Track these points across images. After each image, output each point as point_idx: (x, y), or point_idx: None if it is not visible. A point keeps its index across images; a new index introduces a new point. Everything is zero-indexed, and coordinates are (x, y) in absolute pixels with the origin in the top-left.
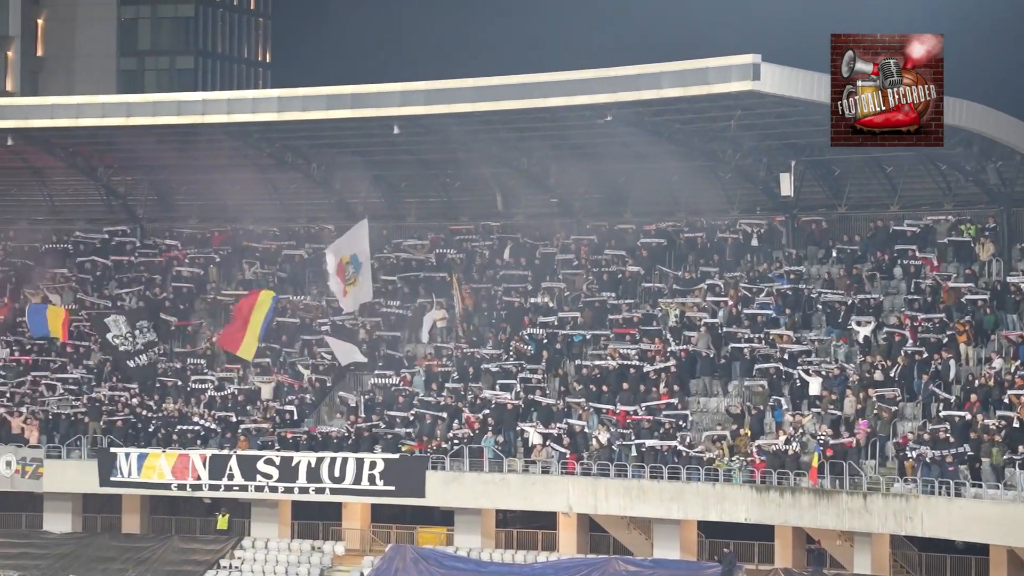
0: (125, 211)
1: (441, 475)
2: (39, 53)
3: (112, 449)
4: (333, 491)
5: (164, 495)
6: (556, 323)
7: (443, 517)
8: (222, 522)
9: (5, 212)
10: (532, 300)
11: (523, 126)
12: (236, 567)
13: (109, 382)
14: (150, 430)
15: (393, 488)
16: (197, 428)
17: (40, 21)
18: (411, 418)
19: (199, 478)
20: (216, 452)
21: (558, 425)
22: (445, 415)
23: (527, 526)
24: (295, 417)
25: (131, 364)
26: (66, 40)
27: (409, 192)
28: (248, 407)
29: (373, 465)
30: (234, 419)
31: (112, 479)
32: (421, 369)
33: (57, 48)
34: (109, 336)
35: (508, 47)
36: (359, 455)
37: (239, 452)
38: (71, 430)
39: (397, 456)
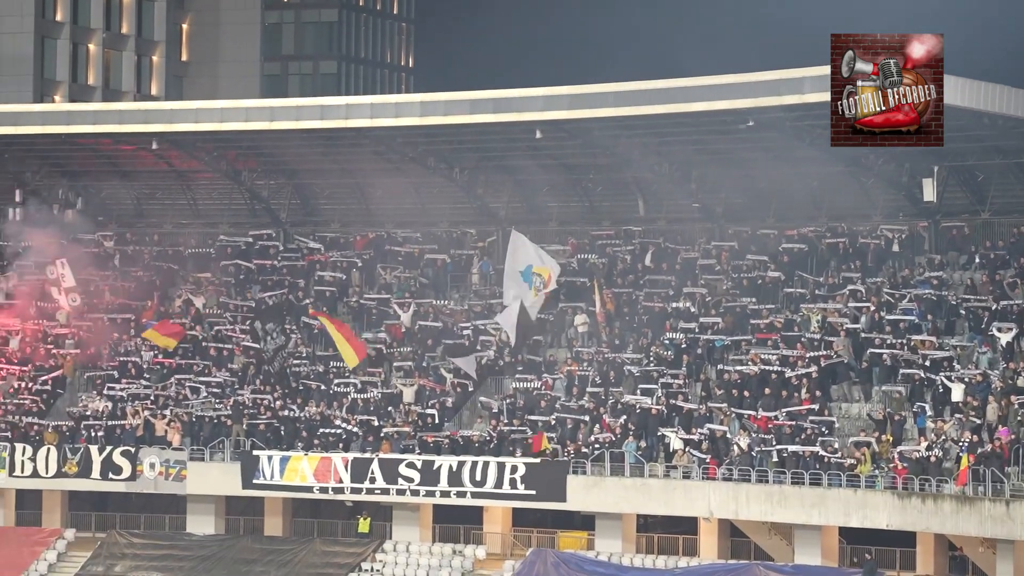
0: (268, 215)
1: (582, 479)
2: (184, 58)
3: (255, 452)
4: (474, 495)
5: (306, 498)
6: (697, 328)
7: (584, 522)
8: (364, 525)
9: (151, 216)
10: (674, 305)
11: (665, 130)
12: (377, 570)
13: (252, 385)
14: (292, 433)
15: (534, 492)
16: (339, 431)
17: (185, 26)
18: (552, 422)
19: (341, 481)
20: (358, 455)
21: (699, 430)
22: (587, 419)
23: (668, 531)
24: (437, 421)
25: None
26: (210, 45)
27: (551, 197)
28: (390, 410)
29: (514, 469)
30: (376, 423)
31: (255, 482)
32: (563, 374)
33: (201, 53)
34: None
35: (651, 52)
36: (500, 459)
37: (381, 455)
38: (214, 433)
39: (538, 460)
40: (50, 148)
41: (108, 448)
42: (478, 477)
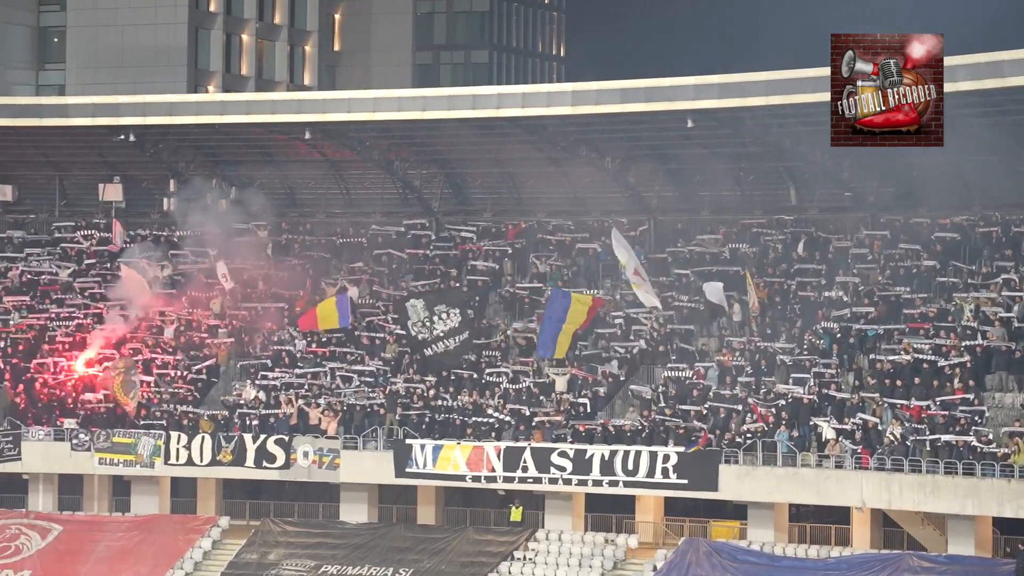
0: (421, 204)
1: (734, 469)
2: (336, 48)
3: (408, 440)
4: (627, 484)
5: (459, 486)
6: (849, 317)
7: (736, 511)
8: (516, 514)
9: (304, 205)
10: (826, 294)
11: (816, 119)
12: (530, 559)
13: (405, 374)
14: (445, 422)
15: (686, 481)
16: (492, 420)
17: (337, 16)
18: (705, 412)
19: (493, 470)
20: (511, 444)
21: (852, 420)
22: (739, 408)
23: (820, 521)
24: (589, 410)
25: (428, 352)
26: (362, 35)
27: (702, 186)
28: (542, 399)
29: (667, 458)
30: (528, 412)
31: (407, 470)
32: (714, 363)
33: (354, 43)
34: (409, 324)
35: (810, 37)
36: (653, 448)
37: (533, 444)
38: (367, 421)
39: (690, 450)
40: (204, 138)
41: (262, 436)
42: (630, 466)
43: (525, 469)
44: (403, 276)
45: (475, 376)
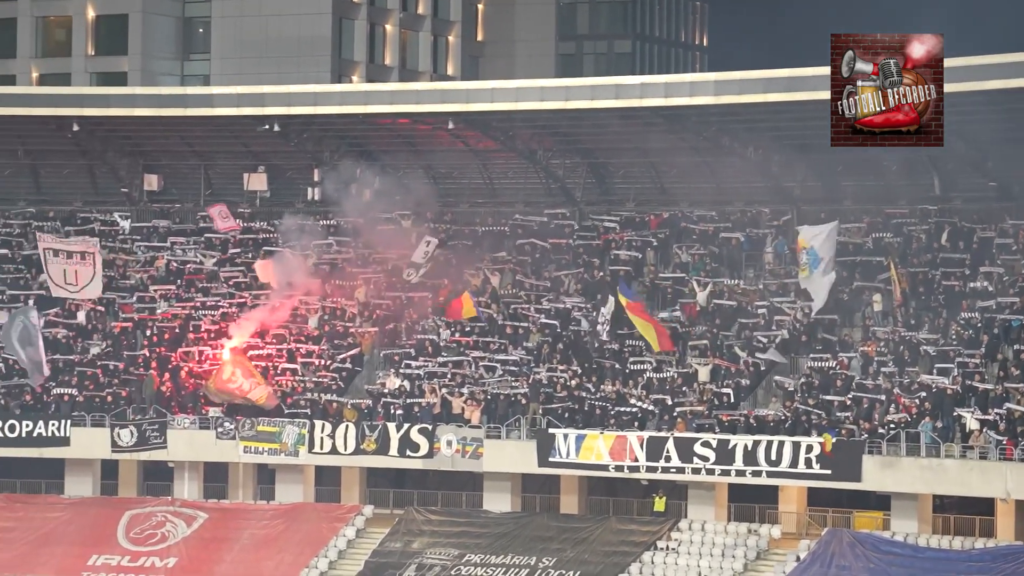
0: (564, 194)
1: (878, 459)
2: (479, 38)
3: (551, 430)
4: (770, 474)
5: (602, 476)
6: (994, 307)
7: (880, 502)
8: (659, 504)
9: (447, 195)
10: (971, 285)
11: (963, 108)
12: (673, 548)
13: (548, 363)
14: (588, 411)
15: (829, 472)
16: (635, 410)
17: (480, 6)
18: (848, 402)
19: (636, 460)
20: (653, 434)
21: (996, 411)
22: (882, 399)
23: (964, 512)
24: (732, 400)
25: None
26: (505, 25)
27: (846, 175)
28: (685, 389)
29: (810, 449)
30: (671, 401)
31: (551, 460)
32: (858, 353)
33: (496, 33)
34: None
35: (948, 27)
36: (796, 438)
37: (676, 434)
38: (510, 411)
39: (834, 440)
40: (348, 128)
41: (406, 425)
42: (773, 456)
43: (668, 459)
44: (546, 266)
45: (618, 366)
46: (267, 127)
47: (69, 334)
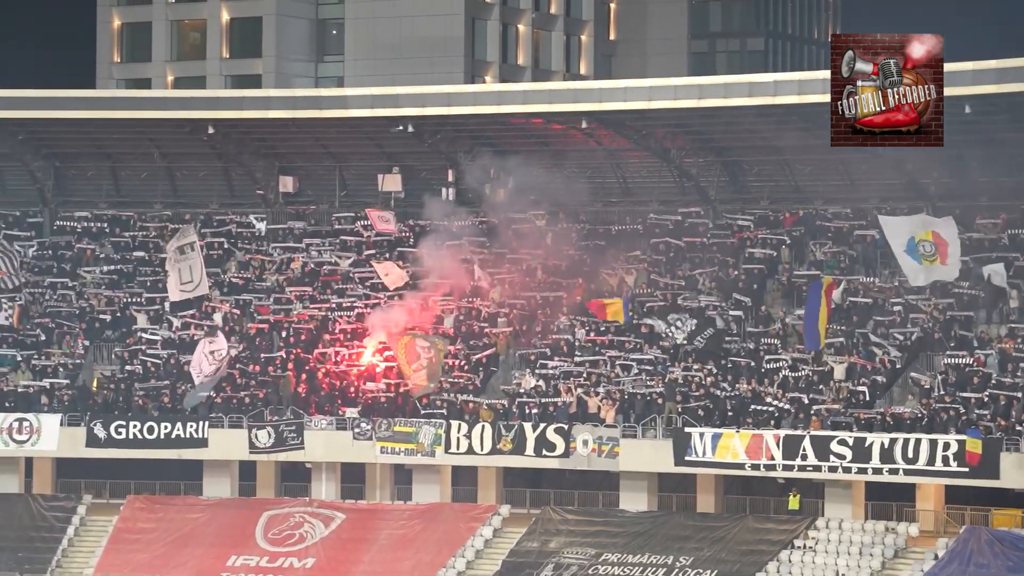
0: (697, 192)
1: (1015, 457)
2: (612, 37)
3: (687, 429)
4: (907, 472)
5: (738, 475)
6: None
7: (1018, 499)
8: (794, 502)
9: (580, 195)
10: None
11: None
12: (810, 547)
13: (684, 363)
14: (724, 410)
15: (967, 470)
16: (771, 408)
17: (613, 5)
18: (985, 399)
19: (773, 458)
20: (790, 432)
21: None
22: (1020, 396)
23: None
24: (868, 398)
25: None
26: (638, 23)
27: (981, 171)
28: (821, 387)
29: (947, 446)
30: (806, 400)
31: (687, 458)
32: (995, 350)
33: (629, 31)
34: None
35: None
36: (933, 436)
37: (812, 432)
38: (646, 410)
39: (980, 444)
40: (481, 128)
41: (542, 425)
42: (910, 454)
43: (804, 457)
44: (680, 264)
45: (753, 364)
46: (401, 128)
47: (206, 336)
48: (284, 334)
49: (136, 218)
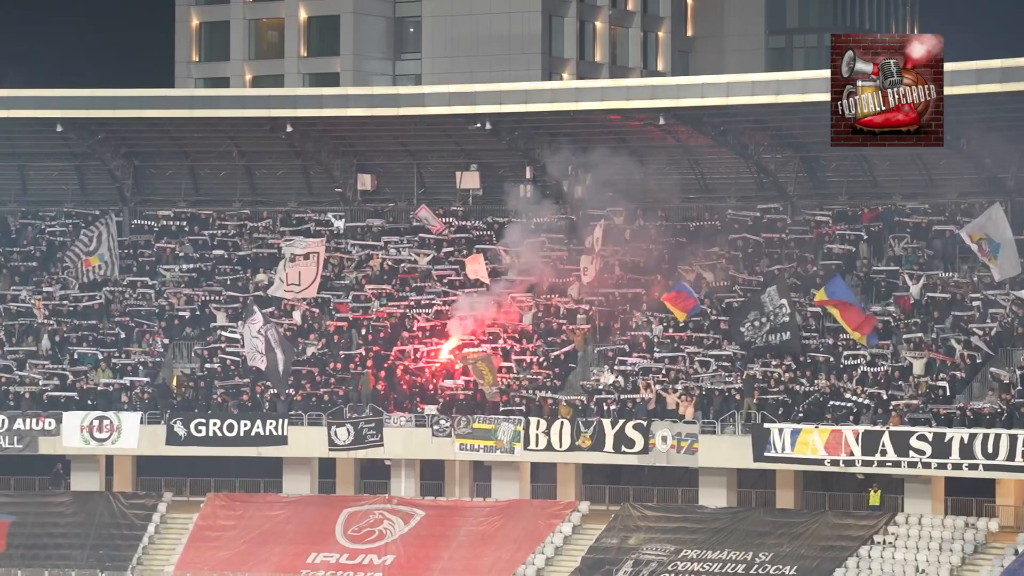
0: (776, 188)
1: None
2: (689, 33)
3: (765, 424)
4: (986, 467)
5: (817, 470)
6: None
7: None
8: (874, 498)
9: (658, 190)
10: None
11: None
12: (890, 543)
13: (762, 358)
14: (803, 406)
15: None
16: (849, 404)
17: (690, 2)
18: None
19: (852, 454)
20: (868, 428)
21: None
22: None
23: None
24: (947, 393)
25: (771, 340)
26: (715, 19)
27: None
28: (900, 383)
29: None
30: (885, 395)
31: (766, 454)
32: None
33: (706, 28)
34: (746, 326)
35: None
36: (1012, 431)
37: (892, 428)
38: (725, 406)
39: None
40: (559, 125)
41: (620, 421)
42: (990, 449)
43: (884, 453)
44: (758, 260)
45: (832, 360)
46: (478, 125)
47: (287, 334)
48: (363, 332)
49: (215, 216)
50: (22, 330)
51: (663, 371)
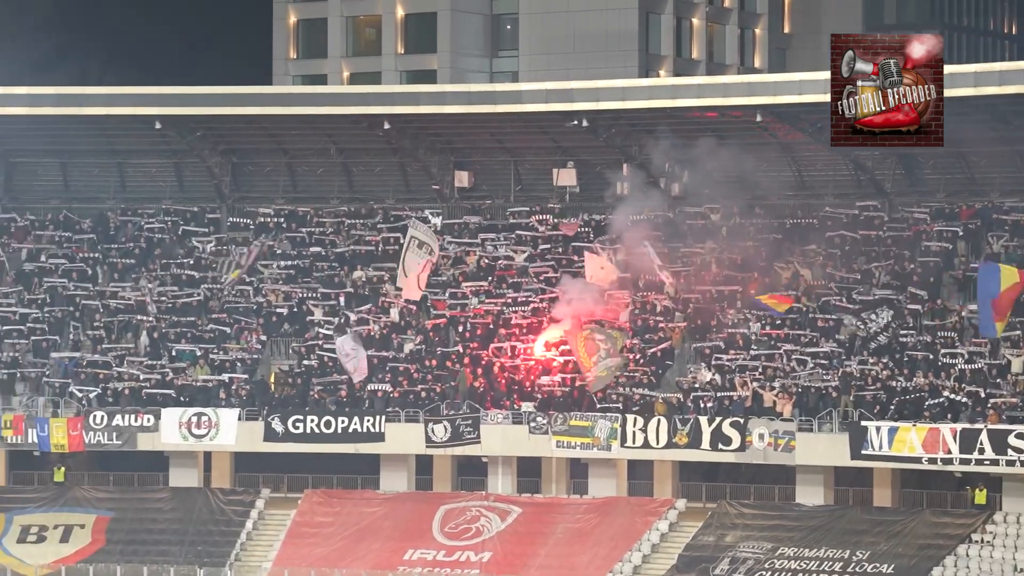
0: (873, 186)
1: None
2: (786, 30)
3: (863, 422)
4: None
5: (914, 468)
6: None
7: None
8: (981, 496)
9: (757, 187)
10: None
11: None
12: (988, 542)
13: (859, 356)
14: (900, 404)
15: None
16: (945, 402)
17: None
18: None
19: (949, 452)
20: (967, 426)
21: None
22: None
23: None
24: None
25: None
26: (812, 16)
27: None
28: (998, 381)
29: None
30: (983, 393)
31: (863, 452)
32: None
33: (803, 24)
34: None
35: None
36: None
37: (990, 426)
38: (822, 403)
39: None
40: (656, 122)
41: (717, 419)
42: None
43: (982, 451)
44: (856, 258)
45: (931, 357)
46: (575, 122)
47: (383, 331)
48: (460, 329)
49: (312, 213)
50: (121, 327)
51: (760, 368)
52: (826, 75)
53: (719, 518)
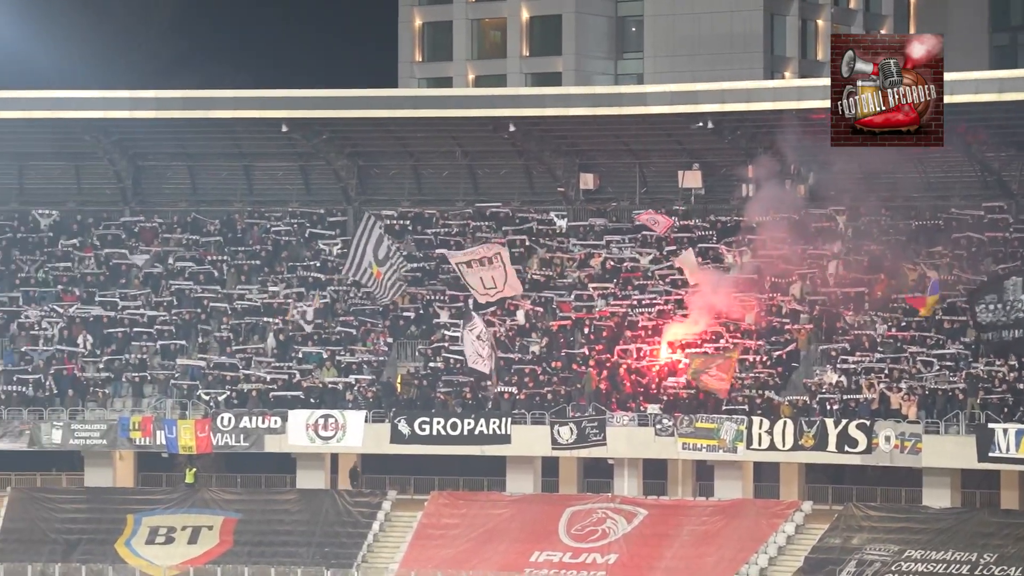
0: (1000, 187)
1: None
2: (911, 31)
3: (990, 424)
4: None
5: None
6: None
7: None
8: None
9: (881, 190)
10: None
11: None
12: None
13: (986, 357)
14: None
15: None
16: None
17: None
18: None
19: None
20: None
21: None
22: None
23: None
24: None
25: (1004, 335)
26: (938, 17)
27: None
28: None
29: None
30: None
31: (990, 454)
32: None
33: (929, 25)
34: (980, 307)
35: None
36: None
37: None
38: (948, 405)
39: None
40: (781, 124)
41: (843, 421)
42: None
43: None
44: (983, 259)
45: None
46: (701, 124)
47: (509, 333)
48: (586, 331)
49: (438, 215)
50: (248, 328)
51: (886, 370)
52: (951, 76)
53: (845, 520)
